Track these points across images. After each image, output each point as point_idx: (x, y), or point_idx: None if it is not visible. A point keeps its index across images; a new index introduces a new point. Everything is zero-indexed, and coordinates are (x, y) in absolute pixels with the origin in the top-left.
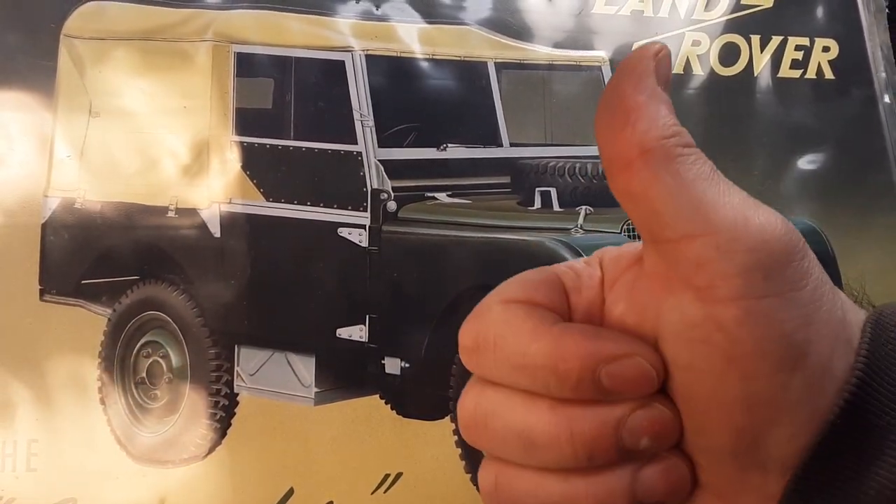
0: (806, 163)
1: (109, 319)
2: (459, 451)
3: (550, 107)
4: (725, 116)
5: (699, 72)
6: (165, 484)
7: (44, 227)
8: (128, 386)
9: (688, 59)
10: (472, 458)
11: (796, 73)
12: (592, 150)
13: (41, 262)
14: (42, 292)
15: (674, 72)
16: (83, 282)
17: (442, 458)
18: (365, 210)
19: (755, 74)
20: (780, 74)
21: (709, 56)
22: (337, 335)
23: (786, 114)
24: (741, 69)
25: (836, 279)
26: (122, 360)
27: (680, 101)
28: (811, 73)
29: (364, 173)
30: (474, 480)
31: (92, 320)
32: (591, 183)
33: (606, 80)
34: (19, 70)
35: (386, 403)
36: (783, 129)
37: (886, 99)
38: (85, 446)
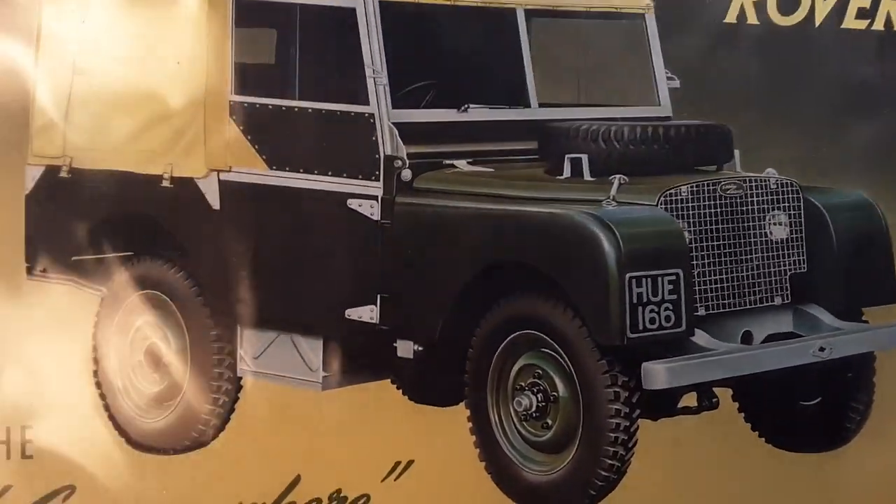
0: (867, 127)
1: (103, 298)
2: (474, 438)
3: (585, 62)
4: (781, 72)
5: (754, 21)
6: (167, 472)
7: (28, 198)
8: (125, 369)
9: (742, 7)
10: (486, 445)
11: (862, 24)
12: (630, 112)
13: (27, 236)
14: (29, 269)
15: (725, 20)
16: (73, 258)
17: (456, 446)
18: (377, 179)
19: (816, 24)
20: (843, 25)
21: (766, 3)
22: (346, 316)
23: (848, 70)
24: (801, 18)
25: (888, 257)
26: (117, 341)
27: (731, 54)
28: (879, 25)
29: (376, 138)
30: (489, 469)
31: (85, 299)
32: (628, 149)
33: (650, 32)
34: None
35: (397, 388)
36: (844, 88)
37: None
38: (82, 432)
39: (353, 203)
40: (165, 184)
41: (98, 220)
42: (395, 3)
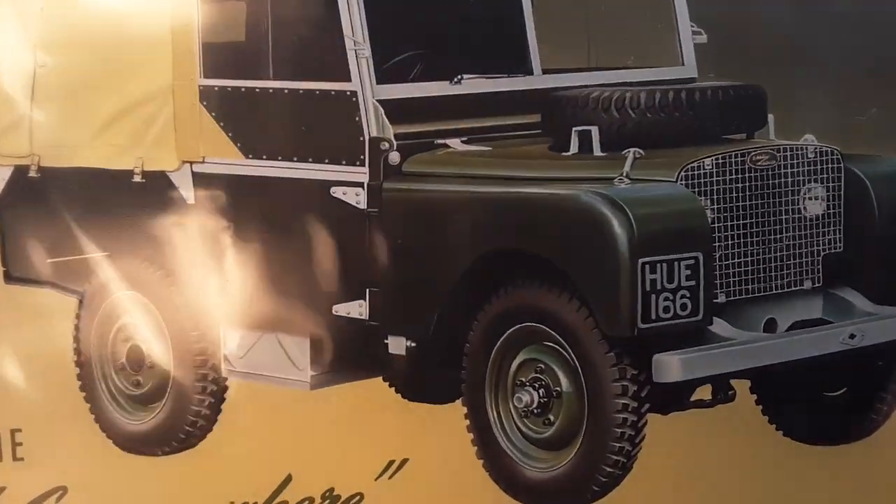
0: None
1: (81, 301)
2: (471, 436)
3: (596, 19)
4: (823, 24)
5: None
6: (158, 472)
7: None
8: (108, 372)
9: None
10: (485, 443)
11: None
12: (649, 74)
13: (1, 241)
14: (6, 275)
15: None
16: (49, 260)
17: (451, 444)
18: (362, 164)
19: None
20: None
21: None
22: (333, 312)
23: None
24: None
25: None
26: (98, 344)
27: (764, 4)
28: None
29: (360, 118)
30: (487, 467)
31: (64, 302)
32: (645, 118)
33: None
34: None
35: (390, 386)
36: (894, 41)
37: None
38: (72, 435)
39: (336, 191)
40: (137, 179)
41: (71, 220)
42: None
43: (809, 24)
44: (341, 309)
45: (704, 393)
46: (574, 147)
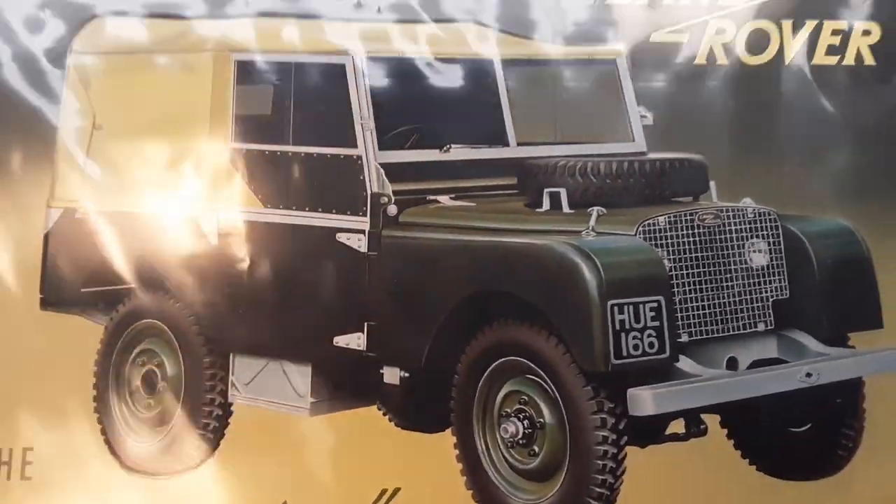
0: (843, 158)
1: (106, 328)
2: (461, 465)
3: (561, 103)
4: (753, 109)
5: (724, 61)
6: (158, 494)
7: (46, 237)
8: (123, 395)
9: (711, 49)
10: (474, 473)
11: (833, 60)
12: (605, 148)
13: (43, 271)
14: (43, 302)
15: (696, 62)
16: (82, 290)
17: (442, 473)
18: (364, 215)
19: (786, 63)
20: (814, 61)
21: (735, 45)
22: (334, 343)
23: (821, 104)
24: (771, 57)
25: (871, 282)
26: (117, 368)
27: (702, 94)
28: (849, 60)
29: (364, 177)
30: (476, 497)
31: (90, 329)
32: (605, 182)
33: (622, 75)
34: (29, 85)
35: (384, 414)
36: (817, 121)
37: None
38: (79, 455)
39: (341, 236)
40: (169, 222)
41: (106, 256)
42: (381, 59)
43: (743, 109)
44: (341, 340)
45: (678, 427)
46: (546, 205)
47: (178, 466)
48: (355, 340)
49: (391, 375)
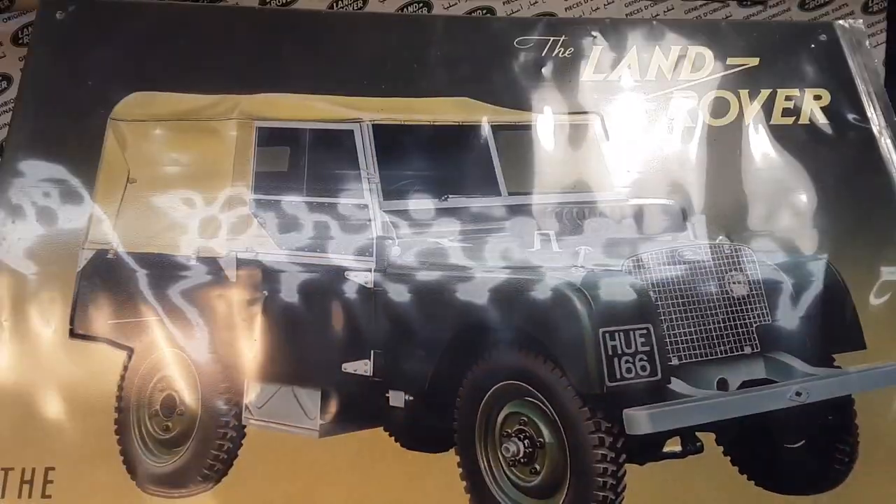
0: (808, 204)
1: (130, 355)
2: (464, 483)
3: (548, 158)
4: (720, 161)
5: (690, 123)
6: None
7: (79, 274)
8: (142, 417)
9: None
10: (477, 490)
11: (789, 120)
12: (587, 196)
13: (74, 304)
14: (72, 331)
15: (664, 125)
16: (109, 322)
17: (446, 491)
18: (371, 255)
19: (746, 123)
20: (772, 122)
21: (698, 110)
22: (343, 370)
23: (782, 156)
24: (732, 119)
25: (850, 305)
26: (138, 392)
27: (671, 149)
28: (804, 119)
29: (370, 223)
30: None
31: (113, 356)
32: (588, 226)
33: (597, 135)
34: (73, 145)
35: (390, 436)
36: (780, 171)
37: (886, 138)
38: (98, 475)
39: (350, 274)
40: (192, 262)
41: (133, 291)
42: (385, 125)
43: (714, 162)
44: (349, 367)
45: (675, 445)
46: (537, 245)
47: (193, 486)
48: (363, 367)
49: (396, 399)
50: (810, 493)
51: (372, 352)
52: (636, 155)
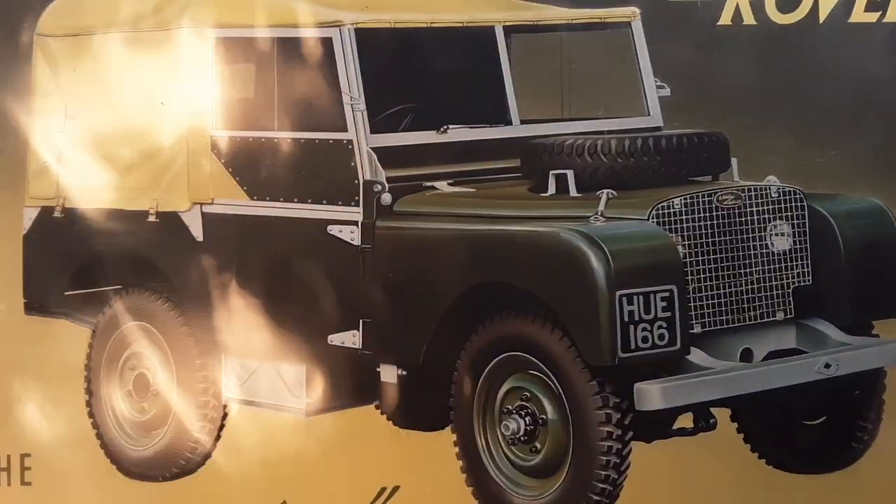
0: (880, 130)
1: (94, 331)
2: (461, 463)
3: (569, 76)
4: (782, 74)
5: (752, 21)
6: (158, 498)
7: (25, 238)
8: (115, 399)
9: (737, 7)
10: (474, 470)
11: (873, 17)
12: (617, 124)
13: (24, 274)
14: (27, 306)
15: (719, 23)
16: (66, 293)
17: (441, 472)
18: (357, 205)
19: (821, 21)
20: (851, 19)
21: (763, 2)
22: (329, 342)
23: (858, 68)
24: (803, 15)
25: None
26: (107, 372)
27: (726, 58)
28: (891, 16)
29: (355, 164)
30: (476, 495)
31: (77, 332)
32: (616, 162)
33: (637, 40)
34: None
35: (382, 413)
36: (854, 87)
37: None
38: (77, 460)
39: (333, 229)
40: (151, 218)
41: (88, 256)
42: (370, 30)
43: (770, 76)
44: (336, 339)
45: (686, 421)
46: (552, 189)
47: (176, 469)
48: (350, 338)
49: (388, 374)
50: (824, 471)
51: (360, 321)
52: (678, 68)
